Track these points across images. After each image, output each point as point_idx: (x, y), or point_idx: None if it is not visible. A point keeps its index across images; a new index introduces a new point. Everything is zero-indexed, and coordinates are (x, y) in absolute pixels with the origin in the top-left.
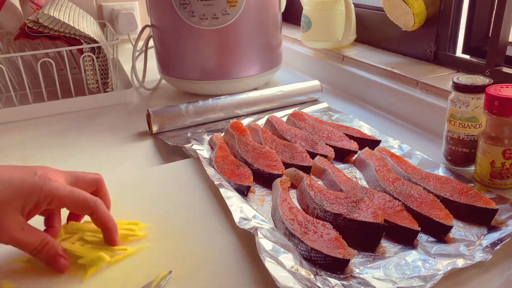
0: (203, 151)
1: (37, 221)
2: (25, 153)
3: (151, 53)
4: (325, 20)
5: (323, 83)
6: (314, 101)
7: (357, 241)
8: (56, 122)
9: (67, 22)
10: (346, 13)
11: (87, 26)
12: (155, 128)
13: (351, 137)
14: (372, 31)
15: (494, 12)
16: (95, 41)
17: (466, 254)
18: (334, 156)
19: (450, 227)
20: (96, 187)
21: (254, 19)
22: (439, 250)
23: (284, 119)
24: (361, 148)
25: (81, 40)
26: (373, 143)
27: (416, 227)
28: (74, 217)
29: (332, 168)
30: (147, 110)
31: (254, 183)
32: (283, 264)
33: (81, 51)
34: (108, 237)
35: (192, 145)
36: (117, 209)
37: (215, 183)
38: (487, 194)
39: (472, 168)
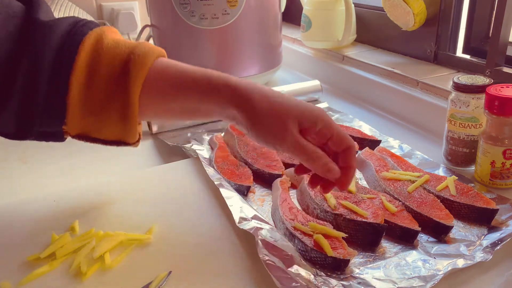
0: (203, 151)
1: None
2: (25, 153)
3: None
4: (325, 20)
5: (323, 83)
6: (314, 101)
7: (357, 241)
8: None
9: None
10: (346, 13)
11: None
12: (155, 128)
13: (351, 137)
14: (372, 31)
15: (494, 12)
16: None
17: (467, 254)
18: None
19: (450, 227)
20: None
21: (254, 19)
22: (439, 250)
23: None
24: (361, 148)
25: None
26: (373, 143)
27: (416, 227)
28: (302, 170)
29: None
30: None
31: (254, 183)
32: (283, 264)
33: None
34: (344, 179)
35: (192, 145)
36: (117, 209)
37: (215, 183)
38: (487, 194)
39: (472, 168)
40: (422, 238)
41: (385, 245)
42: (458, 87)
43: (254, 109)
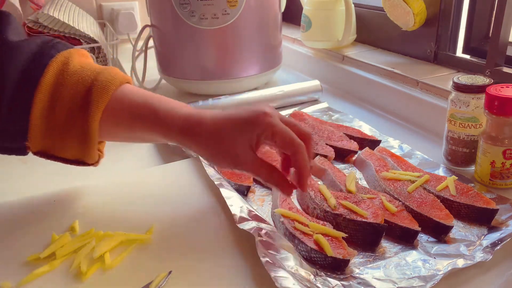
0: None
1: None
2: None
3: (151, 53)
4: (325, 20)
5: (323, 83)
6: (314, 101)
7: (357, 241)
8: None
9: (66, 22)
10: (346, 13)
11: (87, 26)
12: None
13: (351, 137)
14: (372, 31)
15: (494, 12)
16: (95, 41)
17: (466, 254)
18: (334, 156)
19: (450, 227)
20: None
21: (254, 19)
22: (439, 250)
23: None
24: (361, 148)
25: (81, 40)
26: (373, 143)
27: (416, 227)
28: (285, 167)
29: (332, 168)
30: None
31: (254, 183)
32: (283, 265)
33: None
34: (300, 181)
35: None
36: (117, 209)
37: (215, 183)
38: (487, 194)
39: (472, 168)
40: (422, 238)
41: (385, 245)
42: (458, 87)
43: (207, 142)
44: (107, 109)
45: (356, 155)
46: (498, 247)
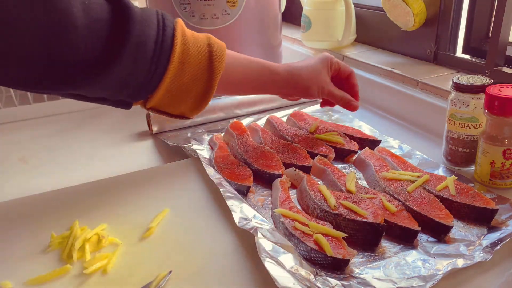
0: (203, 151)
1: None
2: (25, 153)
3: None
4: (325, 20)
5: None
6: (314, 101)
7: (357, 241)
8: (56, 122)
9: None
10: (346, 13)
11: None
12: (155, 128)
13: (351, 137)
14: (372, 31)
15: (494, 12)
16: None
17: (466, 254)
18: (334, 156)
19: (450, 227)
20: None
21: (254, 19)
22: (439, 250)
23: (284, 119)
24: (361, 148)
25: None
26: (373, 143)
27: (416, 227)
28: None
29: (332, 168)
30: None
31: (254, 183)
32: (283, 264)
33: None
34: (355, 96)
35: (192, 145)
36: (117, 209)
37: (215, 183)
38: (487, 194)
39: (472, 168)
40: (422, 238)
41: (385, 245)
42: (458, 87)
43: (308, 85)
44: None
45: (356, 155)
46: (498, 247)
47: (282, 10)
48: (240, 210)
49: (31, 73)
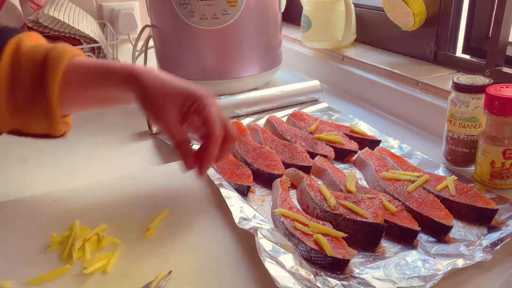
0: None
1: None
2: (24, 153)
3: (151, 53)
4: (325, 20)
5: (323, 83)
6: (314, 101)
7: (357, 241)
8: None
9: (67, 22)
10: (346, 13)
11: (87, 26)
12: (155, 128)
13: (351, 137)
14: (372, 31)
15: (494, 12)
16: (95, 41)
17: (466, 254)
18: (334, 156)
19: (450, 227)
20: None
21: (254, 19)
22: (439, 250)
23: (284, 119)
24: (361, 148)
25: (81, 40)
26: (373, 143)
27: (416, 227)
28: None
29: (332, 168)
30: None
31: (254, 183)
32: (283, 265)
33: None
34: (201, 163)
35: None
36: (117, 209)
37: (215, 183)
38: (487, 194)
39: (472, 168)
40: (422, 238)
41: (385, 245)
42: (458, 87)
43: (145, 88)
44: (67, 76)
45: (356, 155)
46: (498, 247)
47: (282, 10)
48: (240, 210)
49: None
